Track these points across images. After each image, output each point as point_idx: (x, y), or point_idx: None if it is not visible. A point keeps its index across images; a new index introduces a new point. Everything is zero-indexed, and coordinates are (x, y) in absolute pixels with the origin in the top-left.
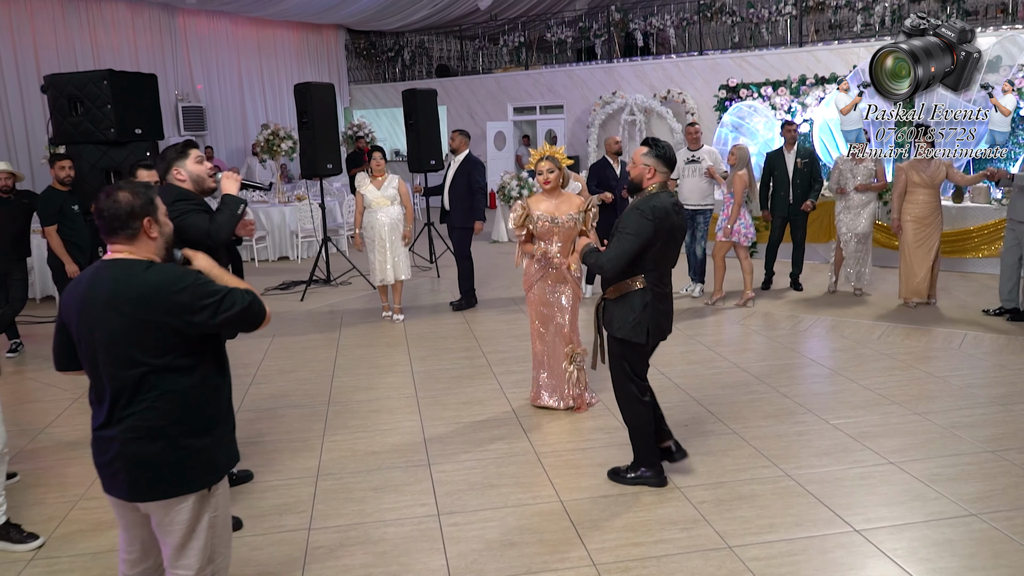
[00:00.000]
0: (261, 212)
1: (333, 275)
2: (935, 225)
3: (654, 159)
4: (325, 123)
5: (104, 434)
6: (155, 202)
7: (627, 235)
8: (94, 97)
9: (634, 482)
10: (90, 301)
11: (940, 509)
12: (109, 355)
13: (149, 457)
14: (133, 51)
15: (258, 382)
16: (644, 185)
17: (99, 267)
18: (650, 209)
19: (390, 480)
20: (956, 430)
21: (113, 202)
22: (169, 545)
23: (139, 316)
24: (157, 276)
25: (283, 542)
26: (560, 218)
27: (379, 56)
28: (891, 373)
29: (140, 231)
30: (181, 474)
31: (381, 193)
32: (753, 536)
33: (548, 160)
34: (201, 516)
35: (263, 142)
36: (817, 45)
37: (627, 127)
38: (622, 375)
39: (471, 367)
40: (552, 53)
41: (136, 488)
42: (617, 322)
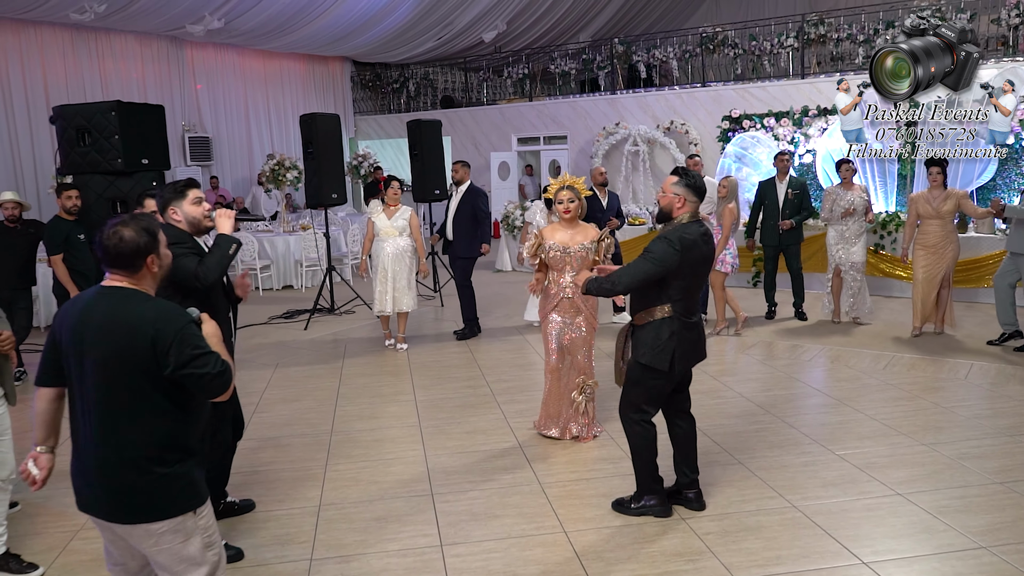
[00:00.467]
0: (266, 241)
1: (337, 304)
2: (944, 255)
3: (684, 188)
4: (330, 153)
5: (84, 456)
6: (158, 237)
7: (650, 260)
8: (102, 128)
9: (639, 512)
10: (83, 323)
11: (949, 542)
12: (96, 378)
13: (129, 482)
14: (141, 82)
15: (261, 411)
16: (674, 215)
17: (99, 292)
18: (678, 239)
19: (393, 510)
20: (964, 461)
21: (119, 240)
22: (159, 564)
23: (130, 344)
24: (153, 310)
25: (284, 573)
26: (572, 248)
27: (384, 87)
28: (897, 403)
29: (143, 267)
30: (162, 498)
31: (391, 223)
32: (759, 568)
33: (569, 190)
34: (191, 537)
35: (268, 172)
36: (819, 77)
37: (630, 158)
38: (628, 399)
39: (475, 396)
40: (556, 84)
41: (116, 511)
42: (642, 347)
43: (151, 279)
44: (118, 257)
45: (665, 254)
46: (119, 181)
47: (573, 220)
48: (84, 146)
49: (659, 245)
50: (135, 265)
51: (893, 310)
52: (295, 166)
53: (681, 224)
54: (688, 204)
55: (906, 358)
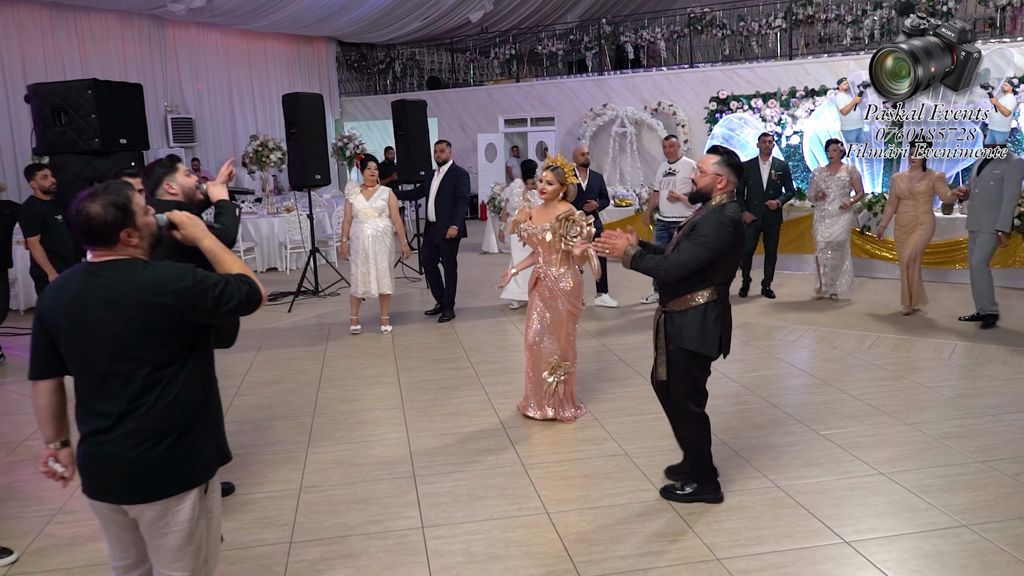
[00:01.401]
0: (250, 223)
1: (321, 286)
2: (914, 233)
3: (726, 168)
4: (314, 133)
5: (100, 439)
6: (130, 209)
7: (703, 246)
8: (78, 107)
9: (689, 499)
10: (84, 304)
11: (931, 520)
12: (109, 358)
13: (152, 459)
14: (122, 62)
15: (243, 393)
16: (714, 195)
17: (89, 270)
18: (730, 221)
19: (374, 493)
20: (946, 441)
21: (86, 218)
22: (164, 548)
23: (141, 316)
24: (156, 276)
25: (264, 556)
26: (535, 228)
27: (370, 68)
28: (881, 383)
29: (118, 242)
30: (180, 472)
31: (369, 204)
32: (742, 548)
33: (551, 171)
34: (200, 517)
35: (252, 153)
36: (807, 58)
37: (618, 139)
38: (686, 390)
39: (459, 378)
40: (543, 66)
41: (135, 490)
42: (688, 334)
43: (134, 251)
44: (88, 235)
45: (720, 237)
46: (97, 161)
47: (549, 201)
48: (60, 125)
49: (711, 228)
50: (109, 240)
51: (877, 291)
52: (279, 147)
53: (722, 204)
54: (729, 183)
55: (890, 338)
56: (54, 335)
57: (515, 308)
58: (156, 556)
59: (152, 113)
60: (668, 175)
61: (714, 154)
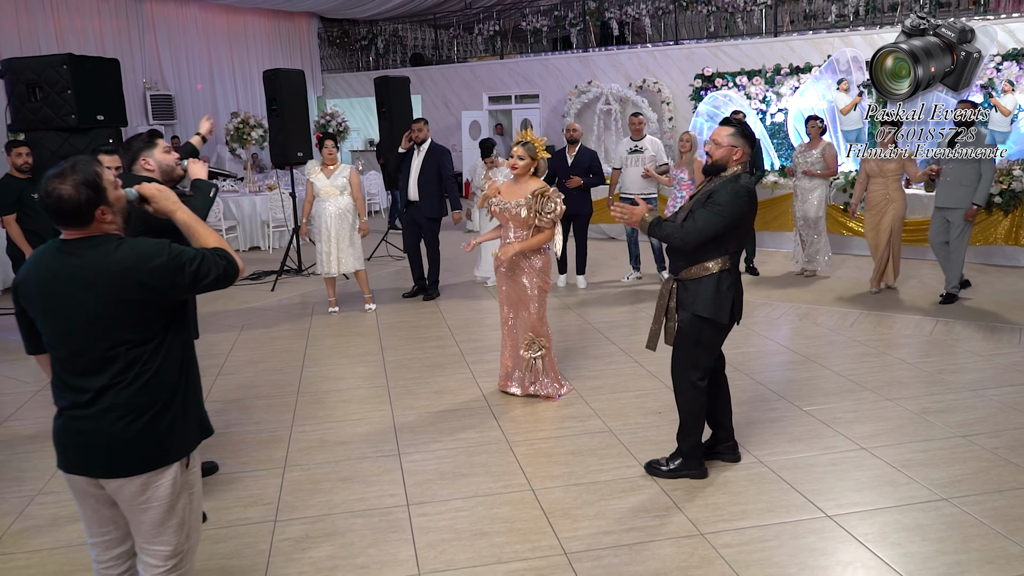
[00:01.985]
0: (231, 202)
1: (304, 265)
2: (885, 212)
3: (740, 139)
4: (295, 110)
5: (77, 413)
6: (101, 186)
7: (719, 214)
8: (53, 82)
9: (674, 475)
10: (59, 283)
11: (911, 494)
12: (86, 335)
13: (131, 434)
14: (98, 37)
15: (226, 373)
16: (729, 166)
17: (62, 248)
18: (746, 191)
19: (359, 471)
20: (927, 416)
21: (58, 200)
22: (145, 523)
23: (117, 294)
24: (131, 252)
25: (248, 535)
26: (508, 203)
27: (352, 45)
28: (863, 360)
29: (93, 220)
30: (160, 447)
31: (331, 182)
32: (725, 523)
33: (522, 146)
34: (181, 491)
35: (233, 130)
36: (792, 35)
37: (602, 116)
38: (688, 359)
39: (443, 356)
40: (527, 42)
41: (114, 465)
42: (702, 301)
43: (109, 228)
44: (62, 217)
45: (735, 206)
46: (74, 138)
47: (521, 176)
48: (35, 101)
49: (727, 196)
50: (84, 220)
51: (860, 267)
52: (260, 124)
53: (736, 175)
54: (744, 154)
55: (873, 315)
56: (31, 313)
57: (491, 287)
58: (138, 531)
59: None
60: (634, 152)
61: (727, 126)
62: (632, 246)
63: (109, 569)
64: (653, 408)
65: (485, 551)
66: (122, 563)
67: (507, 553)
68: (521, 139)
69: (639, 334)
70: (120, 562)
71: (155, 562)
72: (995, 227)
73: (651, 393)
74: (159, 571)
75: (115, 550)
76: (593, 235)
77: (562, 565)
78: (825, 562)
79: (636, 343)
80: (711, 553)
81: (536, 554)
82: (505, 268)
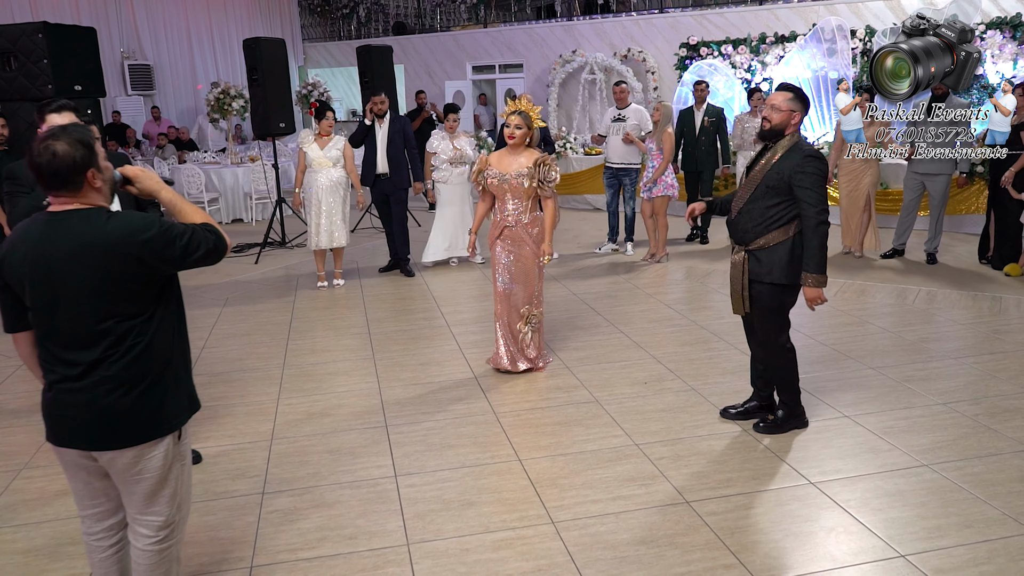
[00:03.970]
0: (213, 173)
1: (288, 237)
2: (862, 179)
3: (798, 103)
4: (277, 80)
5: (69, 386)
6: (94, 148)
7: (820, 179)
8: (29, 51)
9: (783, 428)
10: (48, 256)
11: (892, 460)
12: (77, 309)
13: (124, 407)
14: (74, 6)
15: (211, 346)
16: (787, 131)
17: (51, 219)
18: (816, 151)
19: (346, 443)
20: (909, 384)
21: (52, 156)
22: (137, 494)
23: (108, 267)
24: (121, 225)
25: (236, 507)
26: (508, 174)
27: (333, 13)
28: (847, 328)
29: (84, 184)
30: (153, 419)
31: (324, 154)
32: (710, 491)
33: (518, 115)
34: (174, 462)
35: (213, 101)
36: (777, 3)
37: (587, 86)
38: (777, 326)
39: (429, 328)
40: (511, 11)
41: (108, 437)
42: (779, 269)
43: (97, 195)
44: (54, 176)
45: (823, 169)
46: None
47: (517, 146)
48: (11, 71)
49: (815, 165)
50: (75, 182)
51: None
52: (240, 95)
53: (796, 141)
54: (801, 119)
55: (856, 284)
56: (17, 288)
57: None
58: (130, 503)
59: (108, 59)
60: (617, 120)
61: (786, 90)
62: (611, 217)
63: (100, 541)
64: (639, 378)
65: (473, 521)
66: (113, 535)
67: (495, 523)
68: (515, 108)
69: (624, 305)
70: (111, 534)
71: (147, 532)
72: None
73: (637, 363)
74: (151, 541)
75: (106, 522)
76: (578, 205)
77: (549, 534)
78: (808, 528)
79: (621, 314)
80: (696, 521)
81: (523, 523)
82: (510, 242)
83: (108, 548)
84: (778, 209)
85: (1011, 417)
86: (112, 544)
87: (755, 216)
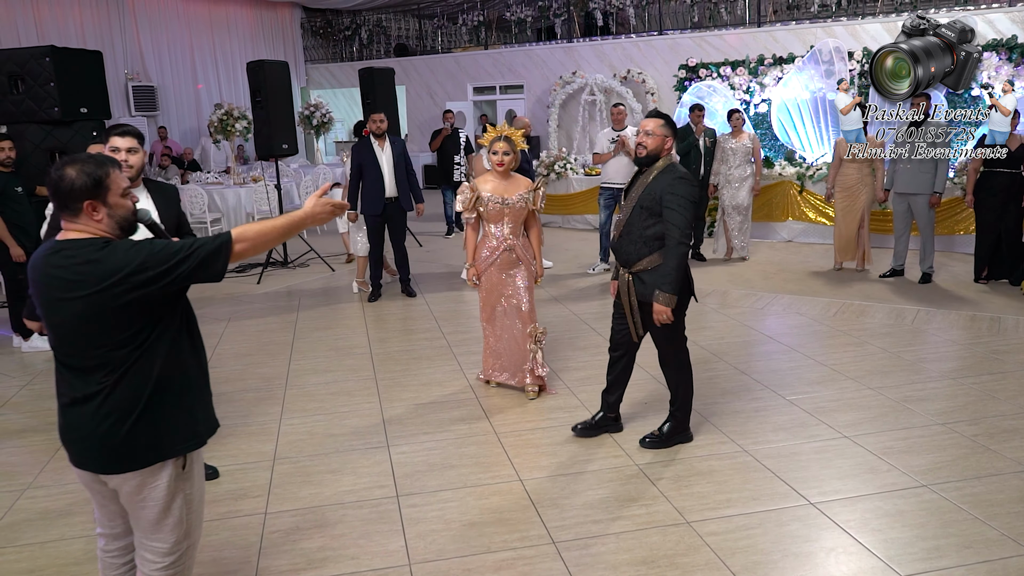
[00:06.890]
0: (216, 194)
1: (290, 257)
2: (859, 196)
3: (670, 129)
4: (280, 102)
5: (74, 410)
6: (104, 183)
7: (688, 203)
8: (36, 75)
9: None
10: (46, 284)
11: (892, 481)
12: (74, 337)
13: (121, 434)
14: (79, 29)
15: (213, 366)
16: (662, 155)
17: (52, 248)
18: (688, 175)
19: (348, 463)
20: (908, 404)
21: (59, 178)
22: (143, 520)
23: (102, 302)
24: (114, 256)
25: (239, 527)
26: (510, 199)
27: (336, 35)
28: (846, 349)
29: (81, 212)
30: (151, 446)
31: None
32: (711, 511)
33: (504, 141)
34: (177, 492)
35: (216, 122)
36: (775, 25)
37: (587, 107)
38: (672, 339)
39: (431, 348)
40: (512, 32)
41: (109, 462)
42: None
43: (97, 226)
44: (55, 196)
45: (692, 192)
46: (57, 131)
47: (506, 172)
48: (18, 94)
49: (684, 187)
50: (72, 208)
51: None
52: (244, 116)
53: (670, 164)
54: (672, 144)
55: (855, 305)
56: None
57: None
58: (136, 527)
59: (112, 81)
60: (615, 142)
61: (657, 117)
62: (603, 238)
63: (115, 558)
64: (639, 399)
65: (474, 541)
66: (127, 553)
67: (496, 543)
68: (500, 134)
69: None
70: (124, 552)
71: (152, 557)
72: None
73: (637, 384)
74: (156, 567)
75: (120, 541)
76: (577, 225)
77: (550, 554)
78: (808, 548)
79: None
80: (697, 541)
81: (525, 543)
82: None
83: (123, 566)
84: (655, 230)
85: (1010, 437)
86: (126, 562)
87: (634, 238)
